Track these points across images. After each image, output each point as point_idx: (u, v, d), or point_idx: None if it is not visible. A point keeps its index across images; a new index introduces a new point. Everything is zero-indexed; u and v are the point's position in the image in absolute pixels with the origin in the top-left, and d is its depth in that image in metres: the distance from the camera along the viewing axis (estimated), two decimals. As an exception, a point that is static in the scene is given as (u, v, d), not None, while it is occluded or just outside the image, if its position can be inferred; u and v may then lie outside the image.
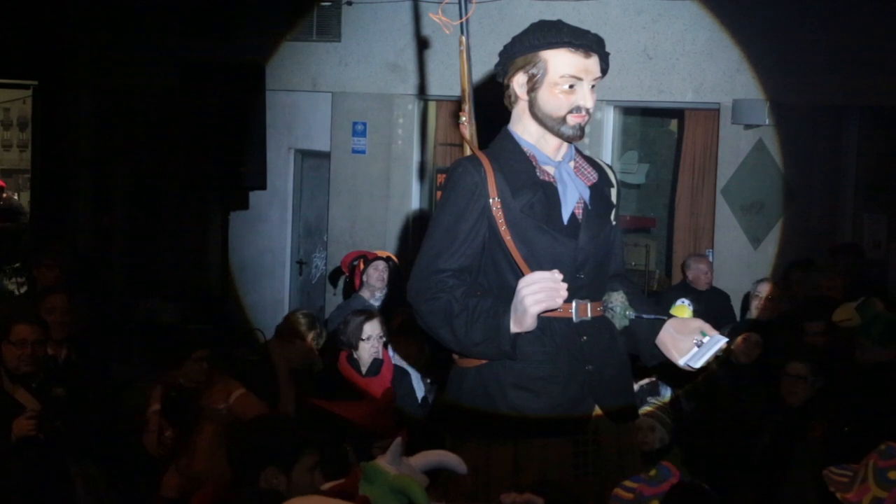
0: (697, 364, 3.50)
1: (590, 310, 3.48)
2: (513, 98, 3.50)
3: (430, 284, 3.41)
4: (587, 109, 3.44)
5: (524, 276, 3.34)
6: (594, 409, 3.47)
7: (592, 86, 3.46)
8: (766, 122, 8.46)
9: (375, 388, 5.98)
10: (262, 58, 10.57)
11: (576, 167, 3.55)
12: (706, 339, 3.47)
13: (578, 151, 3.60)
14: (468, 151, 3.65)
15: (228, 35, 11.12)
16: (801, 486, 5.51)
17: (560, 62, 3.40)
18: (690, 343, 3.49)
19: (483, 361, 3.44)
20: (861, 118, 8.48)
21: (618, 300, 3.58)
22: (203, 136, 9.50)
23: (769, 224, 8.58)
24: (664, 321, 3.55)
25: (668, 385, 6.48)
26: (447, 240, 3.43)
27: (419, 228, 9.71)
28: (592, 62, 3.44)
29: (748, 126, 8.55)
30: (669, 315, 3.65)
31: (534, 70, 3.42)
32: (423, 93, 10.12)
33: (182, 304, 11.01)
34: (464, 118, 3.73)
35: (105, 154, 12.93)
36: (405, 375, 6.32)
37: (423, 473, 2.65)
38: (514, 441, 3.42)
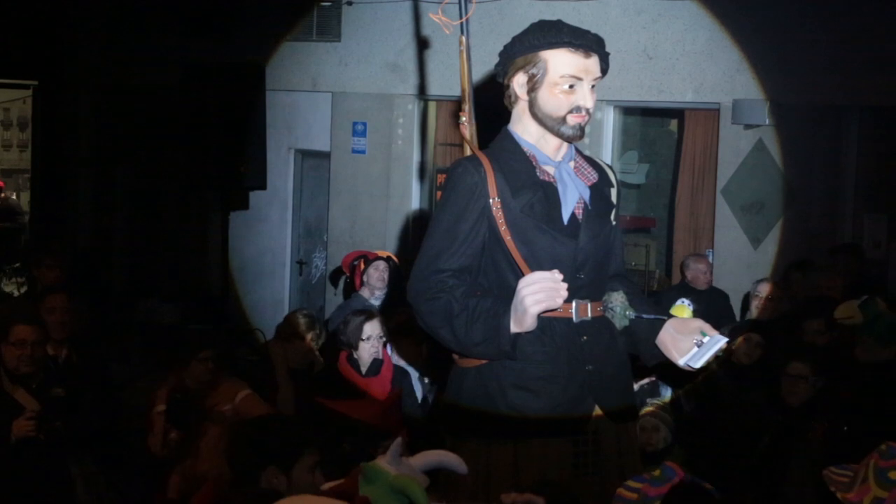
0: (697, 364, 3.50)
1: (590, 310, 3.48)
2: (513, 98, 3.50)
3: (430, 284, 3.41)
4: (587, 109, 3.44)
5: (524, 276, 3.34)
6: (594, 409, 3.47)
7: (592, 86, 3.46)
8: (766, 122, 8.45)
9: (375, 388, 5.98)
10: (262, 58, 10.58)
11: (576, 167, 3.55)
12: (706, 339, 3.47)
13: (578, 151, 3.60)
14: (468, 151, 3.65)
15: (228, 35, 11.12)
16: (801, 486, 5.51)
17: (560, 62, 3.40)
18: (690, 343, 3.49)
19: (483, 361, 3.44)
20: (861, 118, 8.47)
21: (618, 300, 3.58)
22: (203, 136, 9.50)
23: (769, 224, 8.57)
24: (664, 321, 3.55)
25: (668, 385, 6.49)
26: (447, 240, 3.43)
27: (419, 228, 9.70)
28: (592, 62, 3.43)
29: (748, 126, 8.54)
30: (669, 315, 3.65)
31: (534, 70, 3.42)
32: (423, 93, 10.11)
33: (182, 305, 10.99)
34: (464, 118, 3.72)
35: (105, 154, 12.92)
36: (405, 375, 6.33)
37: (423, 473, 2.64)
38: (515, 441, 3.41)
